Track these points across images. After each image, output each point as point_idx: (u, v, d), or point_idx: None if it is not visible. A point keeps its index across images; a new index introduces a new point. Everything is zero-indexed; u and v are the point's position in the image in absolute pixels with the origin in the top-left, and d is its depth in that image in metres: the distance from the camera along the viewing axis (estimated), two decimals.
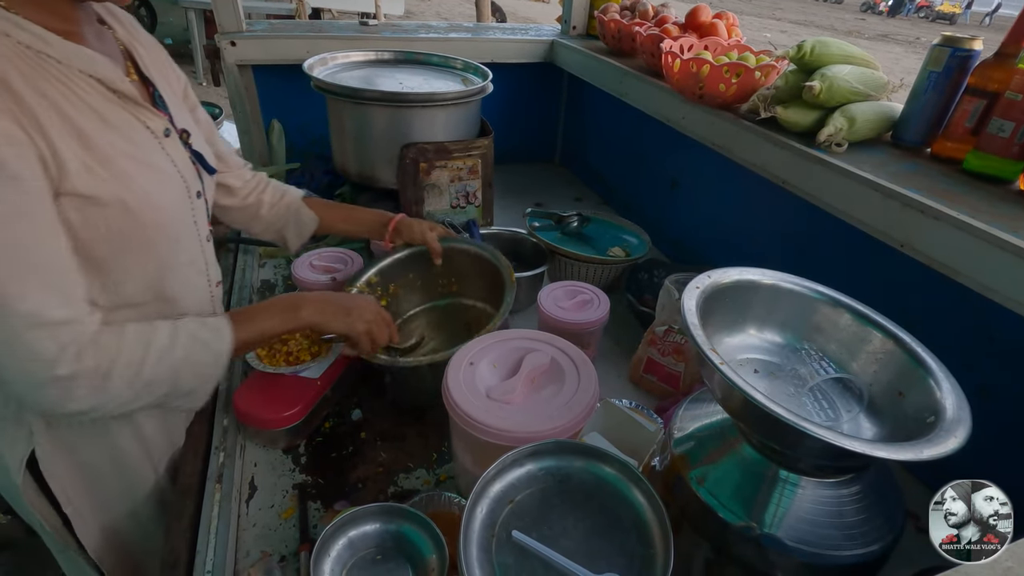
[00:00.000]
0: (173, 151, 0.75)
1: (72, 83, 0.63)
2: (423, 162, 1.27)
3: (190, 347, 0.69)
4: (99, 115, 0.65)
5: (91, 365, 0.62)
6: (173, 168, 0.75)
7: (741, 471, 0.63)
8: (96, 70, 0.66)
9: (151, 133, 0.73)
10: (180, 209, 0.76)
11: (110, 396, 0.64)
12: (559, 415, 0.72)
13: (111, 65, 0.68)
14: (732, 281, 0.70)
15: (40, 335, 0.59)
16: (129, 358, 0.64)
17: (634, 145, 1.66)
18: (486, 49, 1.72)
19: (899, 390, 0.63)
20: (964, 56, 0.89)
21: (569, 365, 0.79)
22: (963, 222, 0.72)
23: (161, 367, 0.66)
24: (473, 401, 0.72)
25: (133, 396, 0.66)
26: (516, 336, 0.85)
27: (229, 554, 0.72)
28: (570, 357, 0.81)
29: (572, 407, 0.73)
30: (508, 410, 0.72)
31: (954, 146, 0.90)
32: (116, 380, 0.63)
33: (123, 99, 0.69)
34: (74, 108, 0.63)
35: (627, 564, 0.57)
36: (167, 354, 0.67)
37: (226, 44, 1.50)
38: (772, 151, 0.99)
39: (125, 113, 0.69)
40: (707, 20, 1.38)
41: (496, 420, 0.70)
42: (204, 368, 0.70)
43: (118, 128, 0.67)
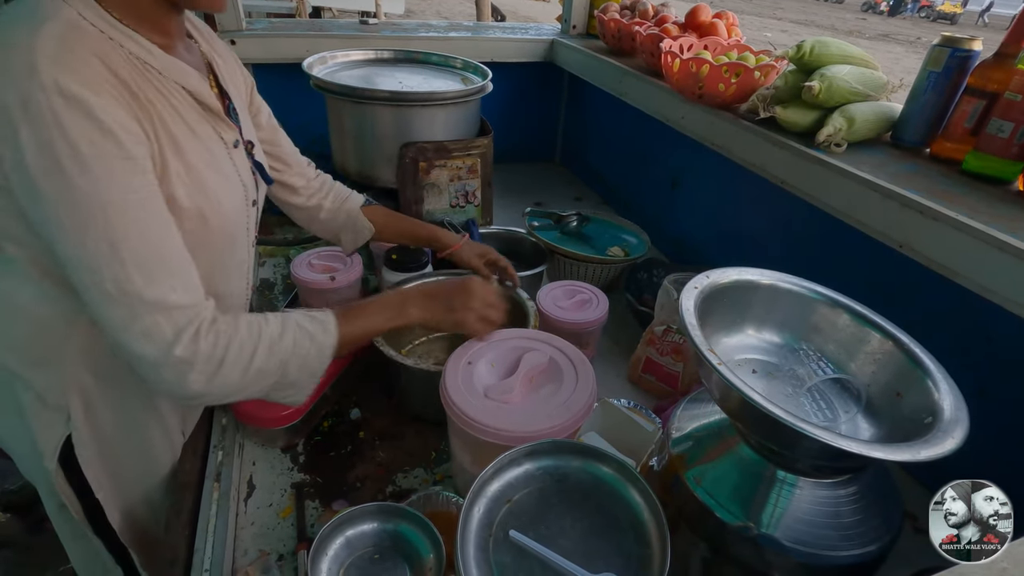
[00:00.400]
0: (239, 161, 0.79)
1: (169, 94, 0.67)
2: (423, 161, 1.27)
3: (298, 338, 0.70)
4: (188, 126, 0.69)
5: (207, 350, 0.63)
6: (237, 177, 0.78)
7: (739, 471, 0.63)
8: (189, 83, 0.69)
9: (224, 144, 0.76)
10: (239, 215, 0.80)
11: (222, 382, 0.65)
12: (557, 414, 0.72)
13: (201, 78, 0.72)
14: (731, 281, 0.70)
15: (160, 319, 0.61)
16: (242, 345, 0.66)
17: (634, 145, 1.66)
18: (486, 48, 1.72)
19: (897, 391, 0.63)
20: (964, 56, 0.89)
21: (567, 364, 0.79)
22: (962, 223, 0.72)
23: (271, 356, 0.68)
24: (471, 400, 0.72)
25: (243, 384, 0.67)
26: (514, 336, 0.85)
27: (227, 552, 0.72)
28: (568, 356, 0.81)
29: (570, 406, 0.73)
30: (506, 409, 0.72)
31: (953, 146, 0.90)
32: (229, 367, 0.65)
33: (207, 111, 0.73)
34: (170, 117, 0.66)
35: (624, 564, 0.57)
36: (277, 343, 0.68)
37: (226, 43, 1.50)
38: (771, 151, 0.99)
39: (207, 125, 0.73)
40: (707, 20, 1.38)
41: (494, 419, 0.70)
42: (310, 360, 0.71)
43: (201, 139, 0.71)
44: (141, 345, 0.61)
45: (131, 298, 0.60)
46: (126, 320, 0.60)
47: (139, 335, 0.61)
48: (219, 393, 0.66)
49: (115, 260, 0.59)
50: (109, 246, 0.58)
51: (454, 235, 1.07)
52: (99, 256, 0.58)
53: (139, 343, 0.61)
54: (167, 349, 0.61)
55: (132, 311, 0.60)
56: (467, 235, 1.07)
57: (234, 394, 0.68)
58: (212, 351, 0.64)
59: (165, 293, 0.61)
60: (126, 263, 0.59)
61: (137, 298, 0.60)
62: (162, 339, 0.61)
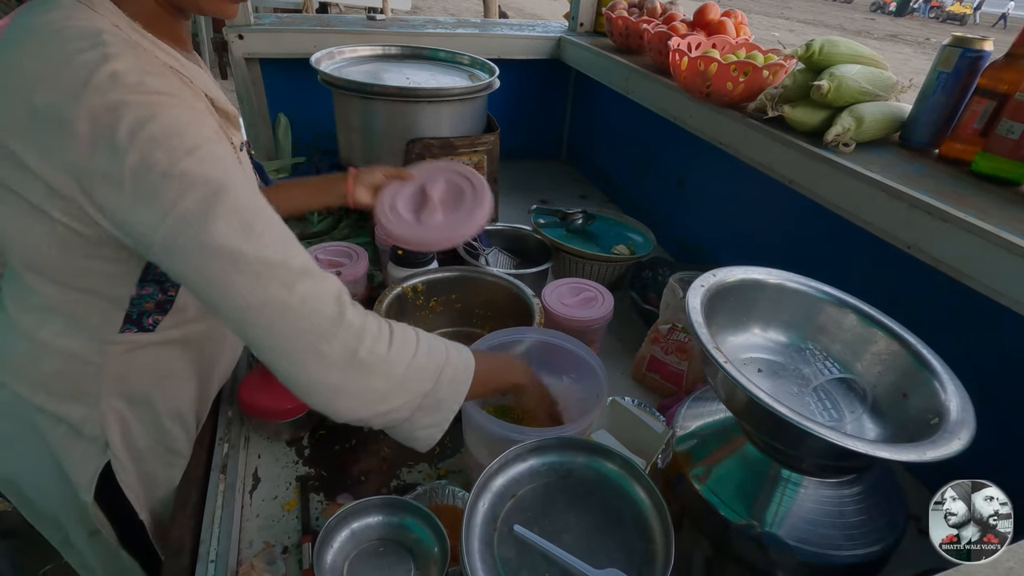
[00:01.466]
0: (246, 164, 0.78)
1: (200, 101, 0.64)
2: (429, 157, 1.27)
3: (450, 349, 0.66)
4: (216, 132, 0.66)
5: (374, 323, 0.60)
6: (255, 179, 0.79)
7: (743, 470, 0.63)
8: (210, 90, 0.68)
9: (234, 148, 0.73)
10: None
11: (390, 368, 0.60)
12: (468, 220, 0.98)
13: (216, 84, 0.71)
14: (737, 280, 0.70)
15: (316, 284, 0.57)
16: (405, 332, 0.63)
17: (640, 143, 1.66)
18: (493, 45, 1.72)
19: (903, 391, 0.63)
20: (975, 57, 0.88)
21: (463, 181, 1.04)
22: (971, 224, 0.72)
23: (432, 355, 0.64)
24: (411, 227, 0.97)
25: (403, 378, 0.61)
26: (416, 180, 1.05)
27: (232, 544, 0.73)
28: (465, 176, 1.04)
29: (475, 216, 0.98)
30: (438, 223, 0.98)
31: (962, 147, 0.90)
32: (396, 348, 0.60)
33: (223, 117, 0.71)
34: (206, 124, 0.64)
35: (628, 560, 0.58)
36: (434, 346, 0.65)
37: (234, 37, 1.51)
38: (779, 150, 0.99)
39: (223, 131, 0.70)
40: (715, 18, 1.37)
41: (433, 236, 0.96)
42: (459, 374, 0.66)
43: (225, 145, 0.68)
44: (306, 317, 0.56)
45: (280, 269, 0.55)
46: (283, 292, 0.55)
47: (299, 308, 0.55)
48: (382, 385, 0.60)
49: (252, 234, 0.55)
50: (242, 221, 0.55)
51: (342, 174, 1.04)
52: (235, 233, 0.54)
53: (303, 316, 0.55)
54: (337, 316, 0.57)
55: (286, 280, 0.55)
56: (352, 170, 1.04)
57: (391, 392, 0.61)
58: (380, 326, 0.60)
59: (306, 262, 0.58)
60: (263, 236, 0.56)
61: (285, 268, 0.56)
62: (325, 306, 0.57)
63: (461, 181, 1.04)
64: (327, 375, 0.57)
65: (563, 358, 0.84)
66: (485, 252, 1.22)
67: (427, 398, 0.64)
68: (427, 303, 1.08)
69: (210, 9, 0.66)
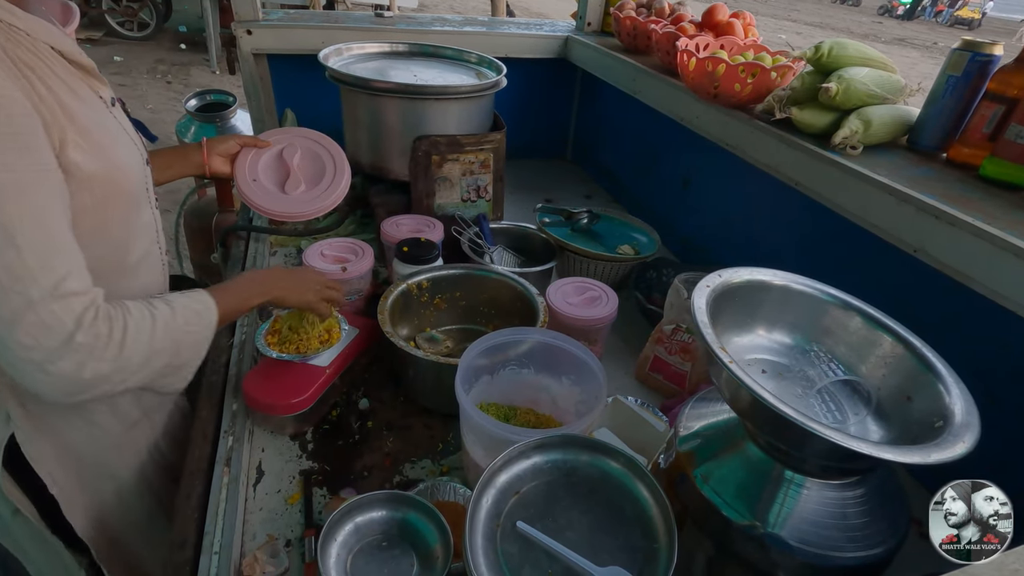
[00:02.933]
0: (121, 119, 0.76)
1: (43, 56, 0.62)
2: (435, 155, 1.27)
3: (187, 317, 0.71)
4: (70, 88, 0.64)
5: (106, 332, 0.62)
6: (126, 135, 0.75)
7: (746, 470, 0.63)
8: (57, 42, 0.64)
9: (104, 103, 0.72)
10: (139, 174, 0.77)
11: (124, 363, 0.64)
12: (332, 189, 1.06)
13: (65, 35, 0.66)
14: (743, 281, 0.70)
15: (57, 308, 0.58)
16: (139, 325, 0.65)
17: (646, 143, 1.66)
18: (500, 43, 1.72)
19: (907, 394, 0.63)
20: (984, 61, 0.88)
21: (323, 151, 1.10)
22: (979, 228, 0.71)
23: (166, 335, 0.68)
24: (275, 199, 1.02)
25: (141, 365, 0.66)
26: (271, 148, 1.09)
27: (236, 536, 0.73)
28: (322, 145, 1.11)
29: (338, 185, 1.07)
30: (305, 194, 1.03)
31: (971, 152, 0.89)
32: (130, 347, 0.64)
33: (81, 70, 0.68)
34: (53, 82, 0.62)
35: (630, 558, 0.58)
36: (171, 322, 0.68)
37: (242, 32, 1.51)
38: (786, 152, 0.99)
39: (83, 84, 0.68)
40: (724, 19, 1.37)
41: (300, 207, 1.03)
42: (199, 337, 0.72)
43: (85, 100, 0.67)
44: (35, 337, 0.57)
45: (26, 286, 0.56)
46: (19, 311, 0.56)
47: (34, 326, 0.57)
48: (117, 379, 0.64)
49: (9, 247, 0.55)
50: (2, 232, 0.55)
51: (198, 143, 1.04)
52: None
53: (32, 335, 0.57)
54: (68, 337, 0.59)
55: (28, 300, 0.56)
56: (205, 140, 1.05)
57: (129, 379, 0.66)
58: (111, 333, 0.62)
59: (62, 279, 0.59)
60: (22, 250, 0.55)
61: (33, 286, 0.56)
62: (62, 328, 0.58)
63: (318, 148, 1.09)
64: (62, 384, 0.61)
65: (563, 359, 0.84)
66: (490, 250, 1.22)
67: (166, 368, 0.69)
68: (431, 300, 1.08)
69: None
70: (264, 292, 0.84)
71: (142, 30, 6.59)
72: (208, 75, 5.75)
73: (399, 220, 1.24)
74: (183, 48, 6.56)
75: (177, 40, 6.71)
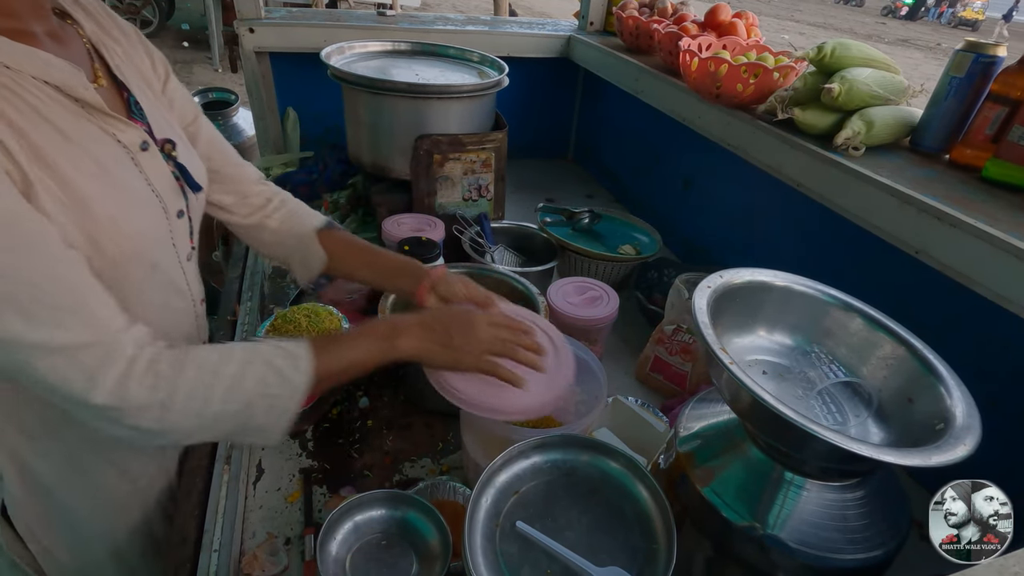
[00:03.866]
0: (150, 167, 0.65)
1: (25, 92, 0.54)
2: (437, 154, 1.27)
3: (264, 376, 0.59)
4: (57, 129, 0.56)
5: (142, 397, 0.54)
6: (147, 188, 0.65)
7: (746, 471, 0.63)
8: (52, 76, 0.56)
9: (123, 148, 0.63)
10: (156, 233, 0.67)
11: (171, 427, 0.56)
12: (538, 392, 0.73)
13: (71, 69, 0.58)
14: (744, 282, 0.70)
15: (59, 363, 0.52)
16: (192, 388, 0.56)
17: (648, 143, 1.65)
18: (503, 43, 1.72)
19: (908, 396, 0.63)
20: (988, 62, 0.88)
21: (547, 341, 0.79)
22: (981, 230, 0.71)
23: (231, 399, 0.58)
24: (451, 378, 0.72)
25: (198, 427, 0.58)
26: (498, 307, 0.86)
27: (236, 534, 0.73)
28: (550, 338, 0.81)
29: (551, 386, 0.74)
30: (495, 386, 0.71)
31: (973, 153, 0.89)
32: (178, 413, 0.55)
33: (88, 109, 0.60)
34: (28, 121, 0.53)
35: (629, 559, 0.58)
36: (237, 385, 0.58)
37: (245, 31, 1.51)
38: (788, 153, 0.99)
39: (91, 126, 0.60)
40: (726, 19, 1.37)
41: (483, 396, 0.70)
42: (278, 402, 0.60)
43: (81, 144, 0.58)
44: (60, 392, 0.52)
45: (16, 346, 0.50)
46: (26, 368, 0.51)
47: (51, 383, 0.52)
48: (169, 439, 0.58)
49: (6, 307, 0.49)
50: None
51: (423, 268, 0.87)
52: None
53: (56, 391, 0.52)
54: (84, 397, 0.52)
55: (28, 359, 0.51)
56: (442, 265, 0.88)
57: (187, 438, 0.61)
58: (151, 396, 0.54)
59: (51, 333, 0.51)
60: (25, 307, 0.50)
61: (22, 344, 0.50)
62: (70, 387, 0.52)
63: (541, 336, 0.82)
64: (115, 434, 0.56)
65: None
66: (491, 250, 1.22)
67: (239, 430, 0.60)
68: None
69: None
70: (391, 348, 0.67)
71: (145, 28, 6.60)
72: (210, 73, 5.76)
73: (400, 219, 1.24)
74: (186, 46, 6.57)
75: (180, 38, 6.72)
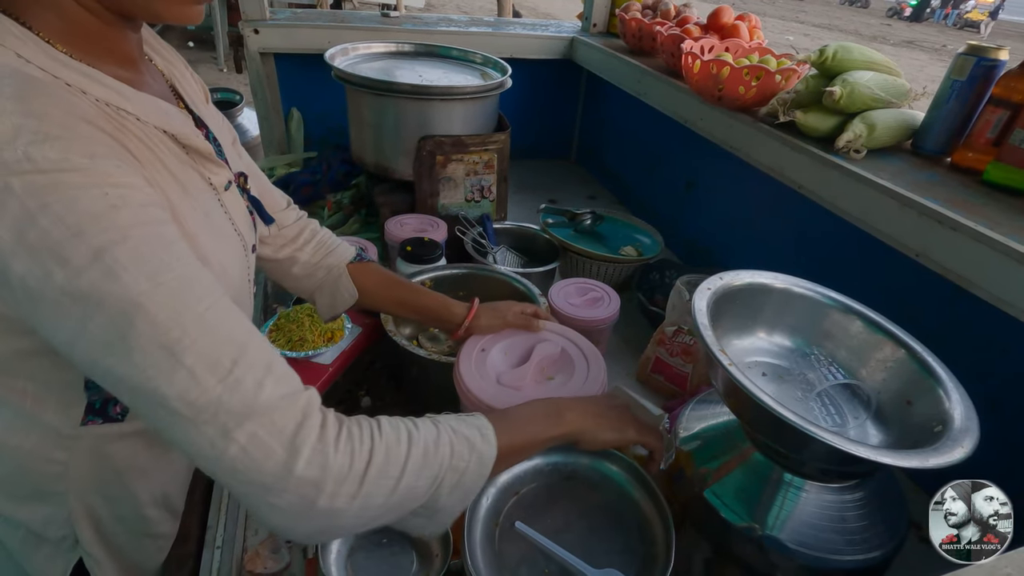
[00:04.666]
0: (232, 205, 0.63)
1: (153, 144, 0.51)
2: (440, 155, 1.28)
3: (454, 444, 0.52)
4: (178, 181, 0.53)
5: (341, 464, 0.45)
6: (231, 228, 0.62)
7: (745, 473, 0.63)
8: (171, 125, 0.53)
9: (213, 190, 0.59)
10: (240, 272, 0.64)
11: (363, 504, 0.47)
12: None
13: (183, 117, 0.56)
14: (744, 284, 0.70)
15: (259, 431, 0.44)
16: (389, 453, 0.48)
17: (650, 145, 1.66)
18: (506, 44, 1.72)
19: (907, 398, 0.63)
20: (989, 66, 0.88)
21: (579, 356, 0.80)
22: (981, 234, 0.71)
23: (425, 469, 0.50)
24: (484, 386, 0.73)
25: (385, 507, 0.49)
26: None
27: (238, 531, 0.74)
28: (580, 348, 0.82)
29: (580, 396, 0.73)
30: (517, 396, 0.71)
31: (975, 156, 0.89)
32: (372, 483, 0.47)
33: (192, 155, 0.57)
34: (161, 178, 0.50)
35: (628, 561, 0.58)
36: (432, 452, 0.51)
37: (249, 32, 1.52)
38: (789, 155, 0.99)
39: (195, 173, 0.57)
40: (729, 21, 1.37)
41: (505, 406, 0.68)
42: (467, 477, 0.52)
43: (192, 195, 0.55)
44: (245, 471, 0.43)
45: (211, 413, 0.43)
46: (217, 444, 0.43)
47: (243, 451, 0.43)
48: (352, 523, 0.48)
49: (179, 368, 0.42)
50: (165, 351, 0.42)
51: (463, 305, 0.84)
52: (156, 368, 0.42)
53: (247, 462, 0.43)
54: (284, 469, 0.44)
55: (221, 429, 0.43)
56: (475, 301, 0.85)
57: (368, 523, 0.49)
58: (350, 464, 0.46)
59: (254, 392, 0.44)
60: (195, 369, 0.42)
61: (220, 409, 0.43)
62: (271, 456, 0.44)
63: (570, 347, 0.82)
64: (284, 521, 0.46)
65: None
66: (493, 250, 1.23)
67: (420, 509, 0.52)
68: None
69: (169, 15, 0.49)
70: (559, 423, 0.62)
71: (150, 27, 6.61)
72: (215, 73, 5.78)
73: (403, 219, 1.25)
74: (191, 46, 6.59)
75: (185, 38, 6.75)
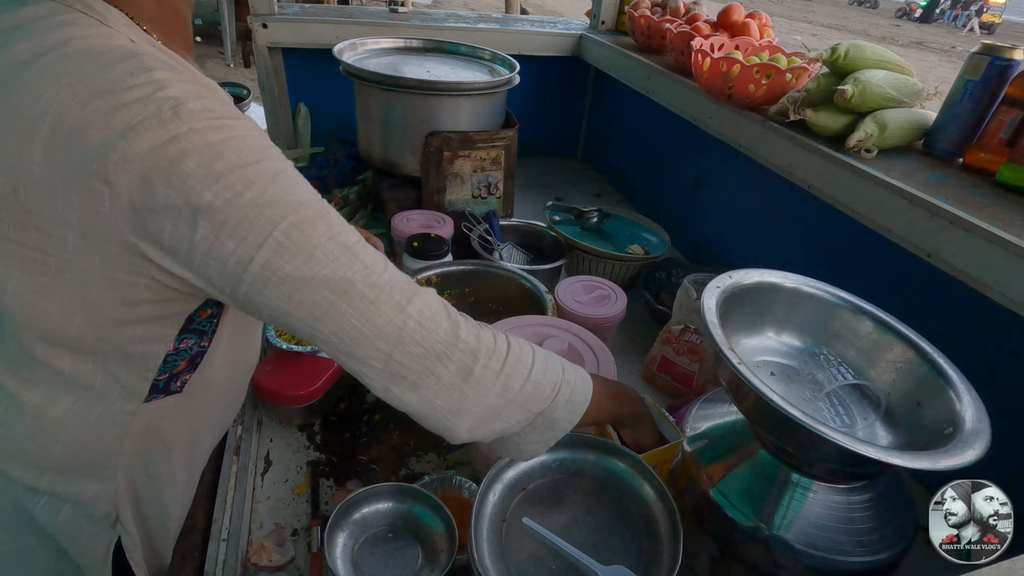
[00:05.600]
0: None
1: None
2: (447, 151, 1.28)
3: (564, 364, 0.61)
4: None
5: (488, 340, 0.55)
6: None
7: (752, 472, 0.63)
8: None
9: None
10: None
11: (502, 387, 0.55)
12: None
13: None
14: (753, 283, 0.70)
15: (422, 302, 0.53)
16: (520, 349, 0.58)
17: (658, 143, 1.65)
18: (514, 41, 1.72)
19: (917, 400, 0.63)
20: (1004, 65, 0.87)
21: (587, 351, 0.80)
22: (993, 234, 0.71)
23: (547, 373, 0.59)
24: None
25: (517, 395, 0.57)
26: (535, 323, 0.86)
27: (244, 524, 0.74)
28: (588, 344, 0.81)
29: None
30: None
31: (987, 157, 0.88)
32: (512, 364, 0.56)
33: None
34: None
35: (635, 558, 0.58)
36: (551, 361, 0.60)
37: (258, 26, 1.52)
38: (799, 154, 0.98)
39: None
40: (739, 19, 1.36)
41: None
42: (575, 394, 0.60)
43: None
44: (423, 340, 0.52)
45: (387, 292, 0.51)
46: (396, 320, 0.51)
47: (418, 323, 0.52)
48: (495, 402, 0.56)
49: (355, 261, 0.50)
50: (343, 248, 0.50)
51: None
52: (337, 262, 0.49)
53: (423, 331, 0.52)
54: (452, 336, 0.53)
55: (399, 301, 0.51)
56: None
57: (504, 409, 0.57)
58: (494, 342, 0.55)
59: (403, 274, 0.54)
60: (367, 262, 0.51)
61: (395, 287, 0.52)
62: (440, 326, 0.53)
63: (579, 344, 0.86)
64: (445, 398, 0.54)
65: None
66: (499, 247, 1.23)
67: (541, 416, 0.59)
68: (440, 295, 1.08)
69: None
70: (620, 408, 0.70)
71: None
72: (223, 68, 5.79)
73: (409, 215, 1.25)
74: (198, 41, 6.60)
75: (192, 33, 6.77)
